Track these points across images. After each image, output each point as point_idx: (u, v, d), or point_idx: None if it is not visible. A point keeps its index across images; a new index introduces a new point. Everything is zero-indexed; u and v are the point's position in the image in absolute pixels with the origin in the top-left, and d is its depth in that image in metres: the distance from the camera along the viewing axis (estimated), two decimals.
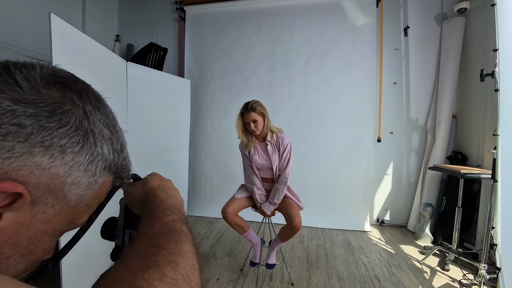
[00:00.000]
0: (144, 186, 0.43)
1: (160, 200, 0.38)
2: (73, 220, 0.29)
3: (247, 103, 1.81)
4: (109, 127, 0.30)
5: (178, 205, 0.39)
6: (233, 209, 1.87)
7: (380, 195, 3.21)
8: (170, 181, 0.47)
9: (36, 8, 2.65)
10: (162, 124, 2.88)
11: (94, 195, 0.30)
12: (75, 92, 0.28)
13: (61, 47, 1.57)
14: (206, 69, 3.48)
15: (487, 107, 2.50)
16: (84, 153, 0.26)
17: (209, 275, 2.01)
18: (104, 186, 0.31)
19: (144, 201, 0.40)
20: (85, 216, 0.31)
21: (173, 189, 0.44)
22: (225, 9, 3.43)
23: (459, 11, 2.78)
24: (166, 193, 0.41)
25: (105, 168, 0.29)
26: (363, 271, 2.10)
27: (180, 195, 0.45)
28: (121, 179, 0.34)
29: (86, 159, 0.27)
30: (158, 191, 0.41)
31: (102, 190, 0.31)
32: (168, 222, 0.32)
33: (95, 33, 3.31)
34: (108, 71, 2.18)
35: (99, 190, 0.30)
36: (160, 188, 0.42)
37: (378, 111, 3.12)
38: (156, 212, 0.34)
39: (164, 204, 0.37)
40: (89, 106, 0.28)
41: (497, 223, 1.63)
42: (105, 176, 0.30)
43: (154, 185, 0.43)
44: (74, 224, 0.30)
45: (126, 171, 0.34)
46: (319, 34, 3.17)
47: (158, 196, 0.39)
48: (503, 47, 1.57)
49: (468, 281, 1.98)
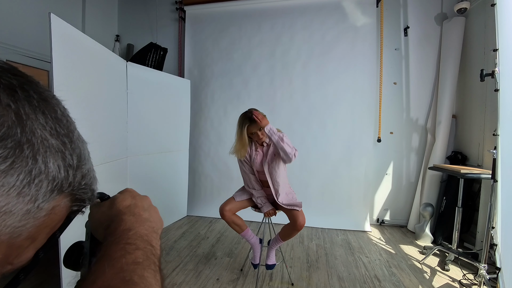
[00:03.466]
0: (110, 208, 0.36)
1: (125, 229, 0.32)
2: (7, 260, 0.22)
3: (247, 114, 1.76)
4: (60, 135, 0.23)
5: (150, 233, 0.33)
6: (231, 207, 1.88)
7: (380, 195, 3.22)
8: (146, 198, 0.40)
9: (36, 8, 2.66)
10: (162, 124, 2.88)
11: (40, 224, 0.23)
12: (4, 88, 0.21)
13: (61, 47, 1.57)
14: (206, 69, 3.48)
15: (487, 107, 2.50)
16: (16, 171, 0.20)
17: (209, 275, 2.01)
18: (56, 213, 0.24)
19: (107, 228, 0.33)
20: (27, 252, 0.23)
21: (147, 209, 0.37)
22: (225, 9, 3.44)
23: (459, 11, 2.78)
24: (136, 217, 0.34)
25: (53, 190, 0.22)
26: (363, 271, 2.10)
27: (157, 215, 0.38)
28: (80, 202, 0.27)
29: (20, 179, 0.20)
30: (126, 214, 0.34)
31: (53, 218, 0.24)
32: (125, 266, 0.26)
33: (95, 33, 3.31)
34: (108, 71, 2.18)
35: (46, 218, 0.23)
36: (130, 211, 0.35)
37: (378, 111, 3.13)
38: (115, 249, 0.28)
39: (129, 235, 0.31)
40: (27, 108, 0.21)
41: (497, 223, 1.63)
42: (54, 200, 0.23)
43: (123, 206, 0.36)
44: (11, 265, 0.23)
45: (88, 191, 0.27)
46: (319, 34, 3.17)
47: (124, 223, 0.33)
48: (503, 47, 1.57)
49: (468, 281, 1.98)
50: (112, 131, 2.22)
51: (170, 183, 3.05)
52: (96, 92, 2.00)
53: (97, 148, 2.01)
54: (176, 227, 2.98)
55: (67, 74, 1.66)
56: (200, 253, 2.36)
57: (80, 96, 1.82)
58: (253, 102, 3.20)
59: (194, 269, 2.09)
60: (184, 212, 3.32)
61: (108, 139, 2.17)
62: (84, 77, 1.86)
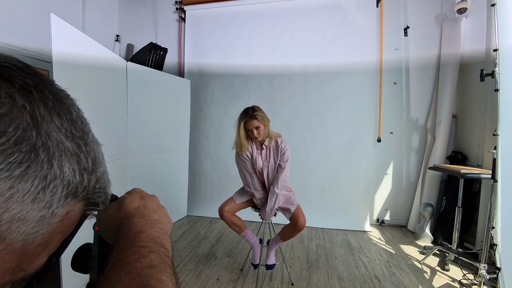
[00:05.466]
0: (118, 210, 0.34)
1: (136, 232, 0.31)
2: (20, 267, 0.21)
3: (248, 110, 1.79)
4: (75, 138, 0.22)
5: (162, 235, 0.32)
6: (230, 208, 1.88)
7: (380, 195, 3.22)
8: (155, 197, 0.39)
9: (36, 8, 2.65)
10: (162, 124, 2.88)
11: (53, 230, 0.22)
12: (18, 88, 0.20)
13: (61, 47, 1.57)
14: (206, 69, 3.48)
15: (487, 107, 2.50)
16: (30, 177, 0.19)
17: (209, 275, 2.01)
18: (69, 218, 0.23)
19: (117, 231, 0.32)
20: (40, 258, 0.23)
21: (156, 210, 0.36)
22: (225, 9, 3.44)
23: (459, 11, 2.78)
24: (146, 218, 0.33)
25: (68, 195, 0.22)
26: (363, 271, 2.10)
27: (166, 216, 0.37)
28: (94, 206, 0.26)
29: (35, 185, 0.19)
30: (136, 217, 0.33)
31: (66, 223, 0.23)
32: (142, 271, 0.26)
33: (95, 33, 3.31)
34: (108, 71, 2.18)
35: (60, 224, 0.22)
36: (139, 213, 0.34)
37: (378, 111, 3.13)
38: (128, 253, 0.27)
39: (141, 238, 0.30)
40: (42, 109, 0.20)
41: (497, 223, 1.63)
42: (69, 205, 0.22)
43: (132, 208, 0.34)
44: (24, 272, 0.22)
45: (102, 195, 0.26)
46: (319, 34, 3.17)
47: (134, 226, 0.31)
48: (503, 47, 1.57)
49: (468, 281, 1.98)
50: (112, 131, 2.22)
51: (170, 183, 3.05)
52: (96, 92, 2.00)
53: None
54: (176, 227, 2.98)
55: (67, 74, 1.66)
56: (200, 253, 2.36)
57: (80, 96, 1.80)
58: (253, 102, 3.17)
59: (194, 269, 2.09)
60: (184, 212, 3.32)
61: (108, 139, 2.17)
62: (84, 77, 1.86)
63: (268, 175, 1.85)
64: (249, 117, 1.75)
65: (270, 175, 1.85)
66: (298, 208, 1.82)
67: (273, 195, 1.80)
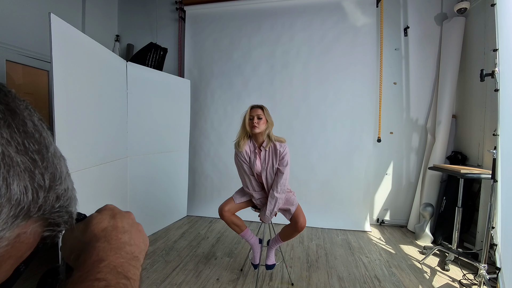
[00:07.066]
0: (84, 232, 0.31)
1: (96, 260, 0.27)
2: None
3: (257, 104, 1.90)
4: (29, 152, 0.20)
5: (128, 261, 0.29)
6: (230, 208, 1.88)
7: (380, 195, 3.22)
8: (129, 215, 0.34)
9: (36, 8, 2.65)
10: (162, 124, 2.88)
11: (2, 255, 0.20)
12: None
13: (61, 47, 1.57)
14: (206, 69, 3.48)
15: (487, 107, 2.50)
16: None
17: (209, 275, 2.01)
18: (22, 241, 0.20)
19: (77, 258, 0.28)
20: None
21: (127, 230, 0.32)
22: (225, 9, 3.43)
23: (459, 11, 2.78)
24: (112, 242, 0.30)
25: (17, 215, 0.19)
26: (363, 271, 2.10)
27: (140, 235, 0.33)
28: (54, 227, 0.23)
29: None
30: (99, 241, 0.29)
31: (18, 247, 0.20)
32: None
33: (95, 33, 3.31)
34: (108, 71, 2.18)
35: (10, 248, 0.20)
36: (105, 235, 0.30)
37: (378, 111, 3.13)
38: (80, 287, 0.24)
39: (99, 268, 0.26)
40: None
41: (497, 223, 1.63)
42: (19, 227, 0.20)
43: (98, 229, 0.31)
44: None
45: (64, 214, 0.23)
46: (319, 34, 3.17)
47: (95, 252, 0.28)
48: (503, 47, 1.57)
49: (468, 281, 1.98)
50: (112, 131, 2.22)
51: (170, 183, 3.05)
52: (96, 92, 2.00)
53: (97, 148, 2.02)
54: (176, 227, 2.98)
55: (67, 74, 1.66)
56: (200, 253, 2.36)
57: (80, 96, 1.82)
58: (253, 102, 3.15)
59: (194, 269, 2.09)
60: (184, 212, 3.32)
61: (108, 139, 2.17)
62: (84, 77, 1.86)
63: (267, 177, 1.84)
64: (256, 106, 1.85)
65: (269, 177, 1.84)
66: (298, 209, 1.82)
67: (273, 198, 1.79)
